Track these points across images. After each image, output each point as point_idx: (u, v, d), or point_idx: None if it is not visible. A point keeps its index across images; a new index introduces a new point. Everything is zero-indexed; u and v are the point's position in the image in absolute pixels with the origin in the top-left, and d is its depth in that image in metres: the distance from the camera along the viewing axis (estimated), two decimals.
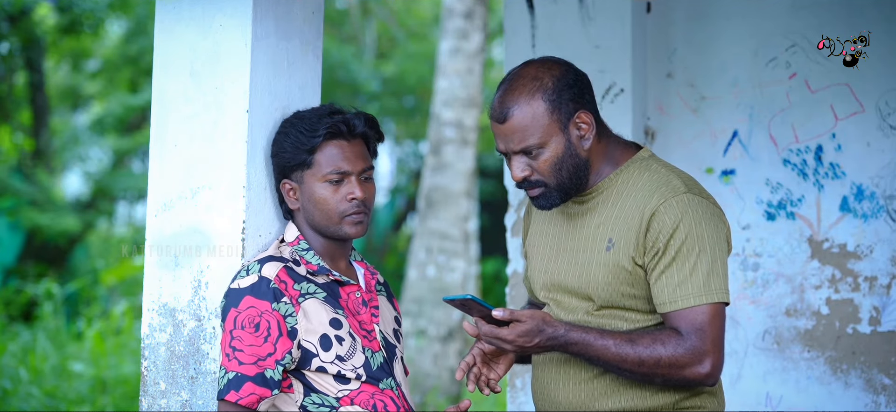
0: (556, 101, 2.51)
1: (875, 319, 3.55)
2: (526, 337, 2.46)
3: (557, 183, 2.55)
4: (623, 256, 2.53)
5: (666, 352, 2.45)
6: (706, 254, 2.48)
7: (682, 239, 2.48)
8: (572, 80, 2.55)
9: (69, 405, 7.36)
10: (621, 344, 2.47)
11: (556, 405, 2.64)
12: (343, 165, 2.56)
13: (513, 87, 2.54)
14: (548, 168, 2.53)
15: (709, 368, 2.46)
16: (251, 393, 2.41)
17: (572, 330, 2.49)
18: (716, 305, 2.48)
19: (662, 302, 2.50)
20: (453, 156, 9.13)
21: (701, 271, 2.47)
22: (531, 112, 2.51)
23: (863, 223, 3.57)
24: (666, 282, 2.49)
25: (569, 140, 2.53)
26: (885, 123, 3.55)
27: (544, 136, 2.51)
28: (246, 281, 2.48)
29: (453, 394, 8.78)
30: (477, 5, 9.28)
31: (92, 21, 13.52)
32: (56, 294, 10.56)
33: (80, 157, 16.04)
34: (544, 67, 2.56)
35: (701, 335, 2.46)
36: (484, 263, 12.67)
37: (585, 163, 2.56)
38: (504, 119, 2.53)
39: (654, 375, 2.48)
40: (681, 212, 2.49)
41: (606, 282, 2.55)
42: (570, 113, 2.53)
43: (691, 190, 2.54)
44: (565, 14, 3.96)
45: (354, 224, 2.57)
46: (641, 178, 2.58)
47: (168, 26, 2.70)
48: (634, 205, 2.54)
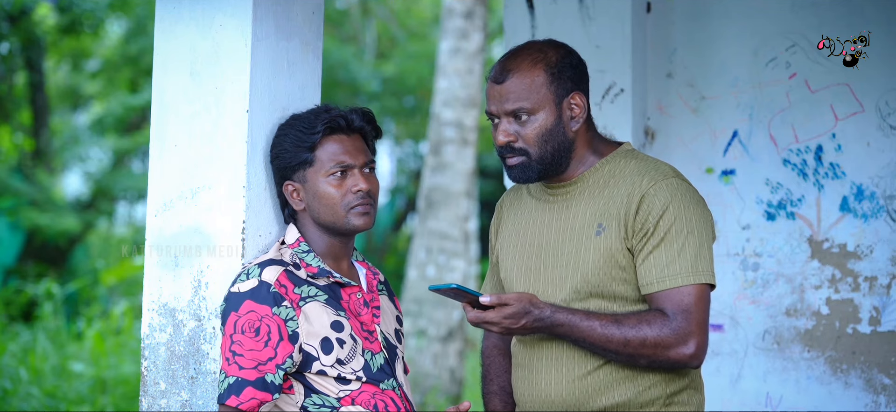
0: (556, 76, 2.59)
1: (875, 319, 3.55)
2: (512, 319, 2.48)
3: (540, 155, 2.58)
4: (614, 240, 2.55)
5: (651, 333, 2.47)
6: (694, 237, 2.51)
7: (671, 220, 2.51)
8: (575, 62, 2.64)
9: (69, 405, 7.36)
10: (607, 324, 2.49)
11: (548, 404, 2.64)
12: (345, 159, 2.56)
13: (517, 53, 2.62)
14: (534, 137, 2.57)
15: (693, 349, 2.48)
16: (252, 397, 2.41)
17: (558, 311, 2.51)
18: (702, 287, 2.50)
19: (649, 282, 2.52)
20: (453, 156, 9.13)
21: (689, 252, 2.50)
22: (531, 77, 2.57)
23: (863, 223, 3.57)
24: (654, 261, 2.51)
25: (560, 116, 2.59)
26: (885, 123, 3.55)
27: (538, 104, 2.57)
28: (246, 285, 2.48)
29: (453, 394, 8.78)
30: (477, 5, 9.27)
31: (92, 21, 13.53)
32: (56, 294, 10.55)
33: (80, 157, 16.04)
34: (549, 45, 2.65)
35: (687, 316, 2.48)
36: (484, 263, 12.66)
37: (570, 144, 2.61)
38: (503, 79, 2.59)
39: (639, 356, 2.50)
40: (670, 194, 2.54)
41: (597, 267, 2.56)
42: (566, 91, 2.59)
43: (678, 176, 2.61)
44: (565, 14, 3.96)
45: (361, 214, 2.57)
46: (628, 166, 2.62)
47: (168, 26, 2.70)
48: (623, 189, 2.58)
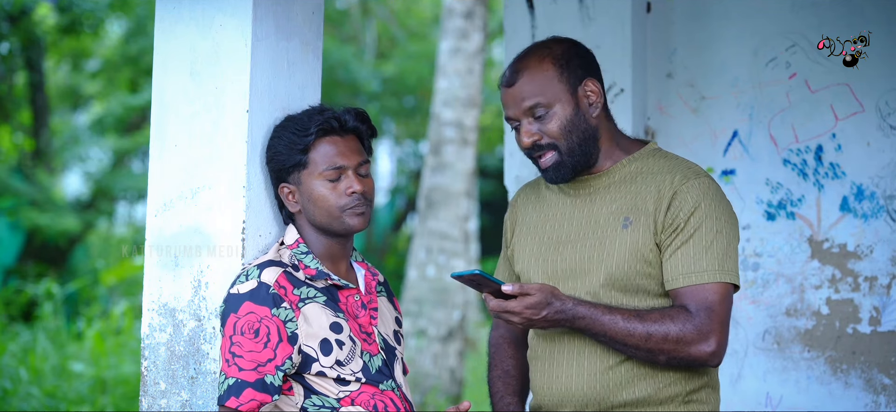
0: (565, 66, 2.60)
1: (875, 319, 3.54)
2: (533, 309, 2.46)
3: (568, 147, 2.58)
4: (642, 233, 2.55)
5: (675, 328, 2.47)
6: (723, 236, 2.52)
7: (701, 217, 2.52)
8: (582, 52, 2.66)
9: (69, 405, 7.36)
10: (630, 318, 2.49)
11: (568, 398, 2.63)
12: (338, 160, 2.55)
13: (523, 56, 2.65)
14: (558, 129, 2.58)
15: (714, 347, 2.48)
16: (251, 399, 2.41)
17: (580, 304, 2.50)
18: (726, 286, 2.51)
19: (675, 277, 2.52)
20: (453, 156, 9.12)
21: (717, 251, 2.51)
22: (541, 74, 2.59)
23: (863, 223, 3.57)
24: (682, 256, 2.52)
25: (577, 105, 2.59)
26: (885, 123, 3.54)
27: (553, 98, 2.57)
28: (245, 286, 2.47)
29: (453, 394, 8.78)
30: (477, 5, 9.27)
31: (92, 21, 13.53)
32: (56, 294, 10.55)
33: (80, 157, 16.04)
34: (553, 40, 2.68)
35: (709, 313, 2.48)
36: (484, 263, 12.67)
37: (595, 132, 2.62)
38: (514, 82, 2.60)
39: (659, 351, 2.49)
40: (702, 192, 2.55)
41: (623, 260, 2.56)
42: (578, 79, 2.60)
43: (709, 175, 2.62)
44: (565, 14, 3.96)
45: (356, 216, 2.57)
46: (657, 164, 2.63)
47: (168, 26, 2.70)
48: (653, 185, 2.58)
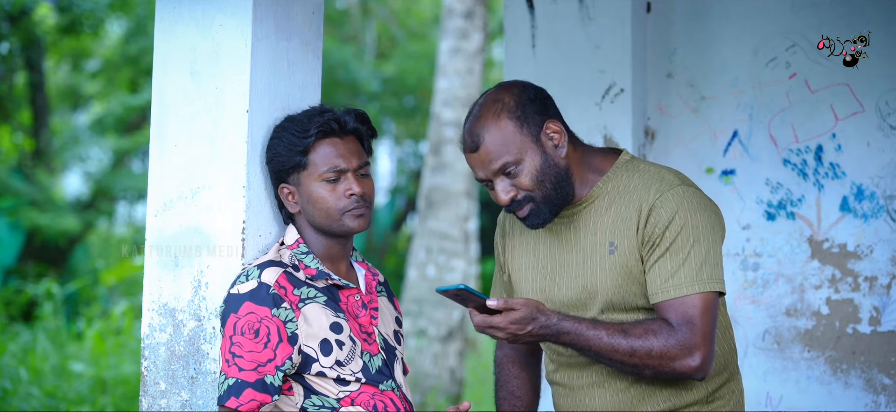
0: (522, 117, 2.55)
1: (875, 319, 3.54)
2: (518, 324, 2.45)
3: (543, 195, 2.56)
4: (628, 256, 2.55)
5: (657, 344, 2.46)
6: (700, 245, 2.51)
7: (677, 230, 2.51)
8: (533, 95, 2.60)
9: (69, 405, 7.36)
10: (614, 334, 2.48)
11: None
12: (338, 162, 2.55)
13: (478, 116, 2.58)
14: (531, 181, 2.55)
15: (699, 362, 2.47)
16: (251, 399, 2.41)
17: (565, 319, 2.49)
18: (707, 295, 2.49)
19: (655, 291, 2.51)
20: (453, 156, 9.12)
21: (694, 261, 2.50)
22: (500, 132, 2.54)
23: (863, 223, 3.57)
24: (659, 271, 2.51)
25: (544, 151, 2.56)
26: (885, 123, 3.55)
27: (519, 153, 2.54)
28: (245, 286, 2.47)
29: (453, 394, 8.78)
30: (477, 5, 9.27)
31: (92, 21, 13.53)
32: (56, 294, 10.55)
33: (80, 157, 16.04)
34: (502, 90, 2.60)
35: (691, 327, 2.47)
36: (484, 263, 12.67)
37: (566, 172, 2.59)
38: (476, 147, 2.56)
39: (644, 366, 2.49)
40: (676, 204, 2.53)
41: (616, 285, 2.56)
42: (538, 125, 2.56)
43: (684, 182, 2.59)
44: (565, 14, 3.96)
45: (356, 217, 2.56)
46: (632, 180, 2.61)
47: (168, 26, 2.70)
48: (631, 204, 2.57)
